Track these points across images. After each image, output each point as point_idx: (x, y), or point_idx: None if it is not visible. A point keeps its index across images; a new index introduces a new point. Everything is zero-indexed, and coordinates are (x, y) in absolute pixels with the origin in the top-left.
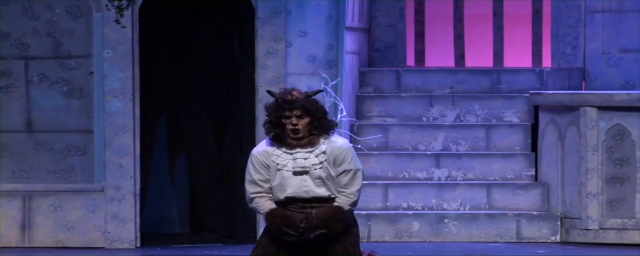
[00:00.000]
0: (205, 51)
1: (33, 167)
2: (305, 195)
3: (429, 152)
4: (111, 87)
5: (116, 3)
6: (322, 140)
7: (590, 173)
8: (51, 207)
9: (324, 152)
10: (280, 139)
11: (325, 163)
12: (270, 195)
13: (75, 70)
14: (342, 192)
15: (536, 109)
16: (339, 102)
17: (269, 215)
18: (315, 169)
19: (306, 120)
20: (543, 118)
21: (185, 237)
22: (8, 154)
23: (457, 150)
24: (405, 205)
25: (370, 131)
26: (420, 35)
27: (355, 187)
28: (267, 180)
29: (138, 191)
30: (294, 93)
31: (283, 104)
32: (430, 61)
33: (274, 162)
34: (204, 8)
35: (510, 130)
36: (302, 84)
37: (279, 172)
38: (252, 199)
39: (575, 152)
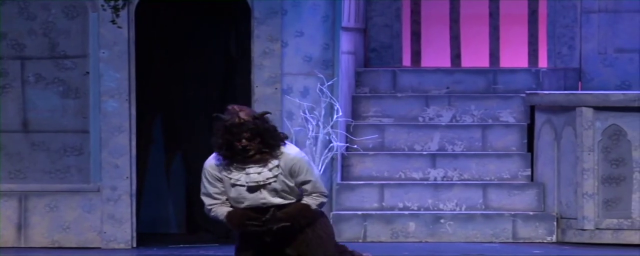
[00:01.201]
0: (202, 51)
1: (29, 167)
2: (262, 206)
3: (425, 152)
4: (107, 87)
5: (112, 3)
6: (273, 154)
7: (586, 174)
8: (47, 207)
9: (277, 166)
10: (231, 156)
11: (281, 176)
12: (227, 203)
13: (71, 70)
14: (310, 195)
15: (532, 109)
16: (335, 102)
17: (229, 216)
18: (269, 182)
19: (256, 140)
20: (539, 118)
21: (182, 237)
22: (4, 154)
23: (453, 150)
24: (401, 205)
25: (367, 131)
26: (416, 36)
27: (320, 190)
28: (223, 192)
29: (134, 191)
30: (242, 114)
31: (231, 128)
32: (426, 61)
33: (227, 176)
34: (200, 8)
35: (506, 130)
36: (299, 84)
37: (233, 187)
38: (209, 210)
39: (572, 152)
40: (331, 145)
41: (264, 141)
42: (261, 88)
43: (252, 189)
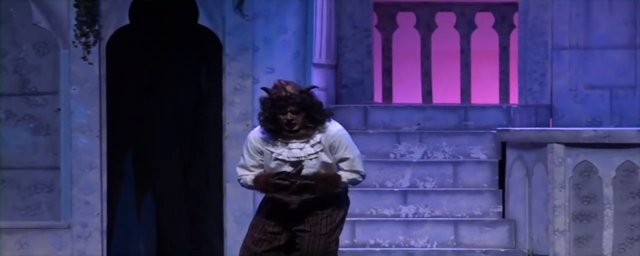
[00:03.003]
0: (173, 87)
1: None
2: None
3: (396, 189)
4: (78, 124)
5: (83, 39)
6: (317, 130)
7: (558, 210)
8: (17, 244)
9: (319, 142)
10: (276, 130)
11: (322, 153)
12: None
13: (42, 106)
14: (346, 171)
15: (503, 146)
16: None
17: (256, 178)
18: (310, 159)
19: (301, 114)
20: (510, 155)
21: None
22: None
23: (425, 187)
24: (372, 241)
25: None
26: (387, 72)
27: (357, 169)
28: (260, 166)
29: (105, 228)
30: (289, 88)
31: (278, 101)
32: (398, 98)
33: (269, 150)
34: (171, 44)
35: (478, 166)
36: None
37: (274, 160)
38: (239, 179)
39: (543, 189)
40: None
41: (309, 115)
42: (232, 125)
43: (293, 164)
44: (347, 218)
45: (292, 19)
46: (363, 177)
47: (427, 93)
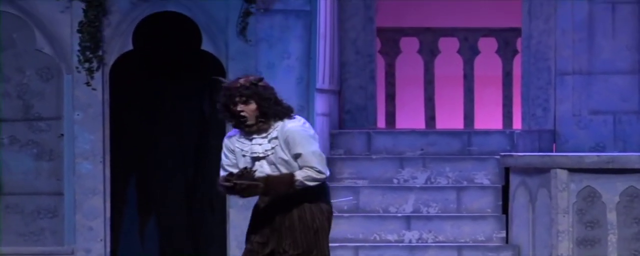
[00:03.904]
0: (176, 112)
1: (2, 230)
2: None
3: (399, 214)
4: (81, 149)
5: (87, 65)
6: (273, 126)
7: (561, 236)
8: None
9: (275, 137)
10: (234, 124)
11: (278, 148)
12: None
13: (46, 132)
14: (301, 168)
15: (507, 171)
16: None
17: (219, 179)
18: (268, 155)
19: (252, 106)
20: (514, 180)
21: None
22: None
23: (428, 212)
24: None
25: (341, 193)
26: (390, 97)
27: (311, 164)
28: (234, 165)
29: (108, 254)
30: (241, 80)
31: (226, 90)
32: (401, 123)
33: (237, 147)
34: (174, 69)
35: (481, 192)
36: None
37: (243, 157)
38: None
39: (546, 214)
40: None
41: (260, 109)
42: None
43: (254, 160)
44: (350, 244)
45: (295, 45)
46: (320, 172)
47: (431, 118)
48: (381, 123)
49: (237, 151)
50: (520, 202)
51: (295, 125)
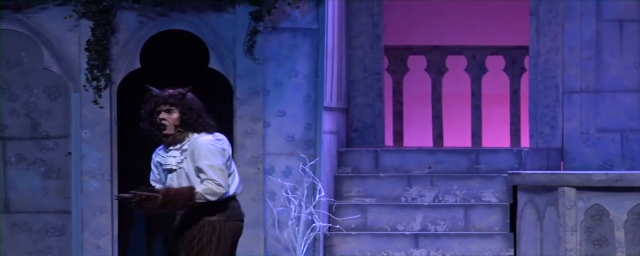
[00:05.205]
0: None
1: (10, 248)
2: None
3: (407, 232)
4: (89, 168)
5: (94, 83)
6: (189, 138)
7: (569, 254)
8: None
9: (186, 150)
10: (152, 133)
11: (187, 161)
12: None
13: (53, 150)
14: (203, 181)
15: (515, 189)
16: (317, 182)
17: None
18: (180, 167)
19: (174, 115)
20: (521, 198)
21: None
22: None
23: (436, 230)
24: None
25: (349, 211)
26: (398, 115)
27: (210, 177)
28: (159, 180)
29: None
30: (170, 90)
31: (152, 98)
32: (409, 141)
33: (159, 161)
34: (182, 87)
35: (489, 210)
36: (281, 164)
37: (164, 171)
38: None
39: (554, 232)
40: (314, 225)
41: (181, 118)
42: (243, 168)
43: (168, 172)
44: None
45: (303, 63)
46: (220, 186)
47: (438, 136)
48: (389, 141)
49: (159, 166)
50: (528, 220)
51: (205, 138)
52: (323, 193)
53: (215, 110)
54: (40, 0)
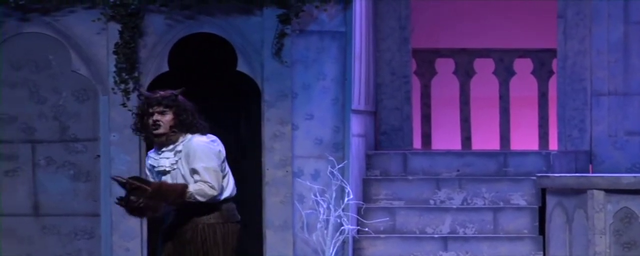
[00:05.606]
0: (211, 133)
1: (39, 251)
2: None
3: (436, 235)
4: (118, 170)
5: (123, 86)
6: (182, 139)
7: None
8: None
9: (180, 151)
10: (145, 134)
11: (182, 162)
12: None
13: (82, 153)
14: (196, 182)
15: (543, 192)
16: (345, 185)
17: None
18: (174, 169)
19: (168, 117)
20: (550, 201)
21: None
22: (14, 238)
23: (465, 233)
24: None
25: (377, 214)
26: (426, 118)
27: (204, 179)
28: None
29: None
30: (162, 92)
31: (146, 100)
32: (437, 144)
33: (151, 164)
34: (210, 90)
35: (518, 213)
36: (309, 167)
37: (157, 174)
38: None
39: (583, 235)
40: (342, 228)
41: (176, 118)
42: (272, 171)
43: (162, 174)
44: None
45: (330, 66)
46: (213, 188)
47: (467, 139)
48: (417, 144)
49: (152, 168)
50: (556, 223)
51: (200, 139)
52: (352, 196)
53: (243, 112)
54: (68, 4)
